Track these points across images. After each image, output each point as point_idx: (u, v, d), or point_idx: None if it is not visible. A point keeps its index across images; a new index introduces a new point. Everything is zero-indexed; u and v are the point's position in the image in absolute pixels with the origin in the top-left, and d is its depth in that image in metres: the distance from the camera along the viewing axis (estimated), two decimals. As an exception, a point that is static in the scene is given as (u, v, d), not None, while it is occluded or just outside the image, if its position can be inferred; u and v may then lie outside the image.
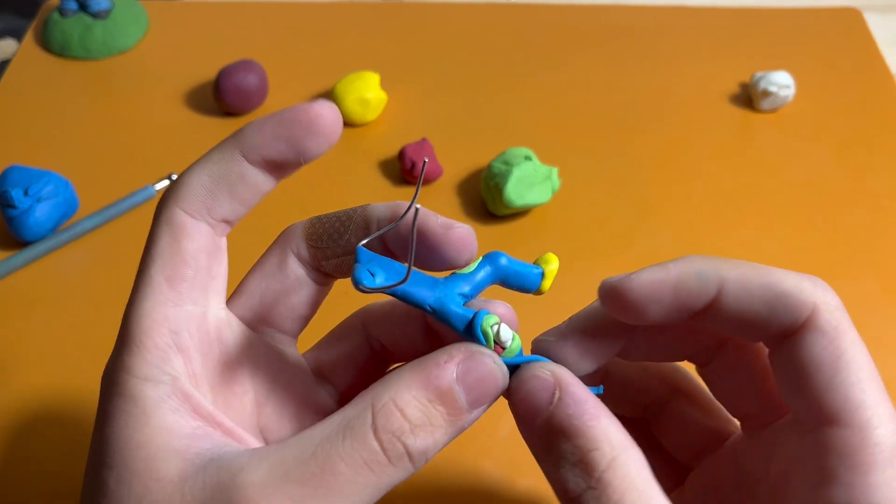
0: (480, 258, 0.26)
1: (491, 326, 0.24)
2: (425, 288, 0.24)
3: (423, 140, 0.53)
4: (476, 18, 0.66)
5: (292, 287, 0.27)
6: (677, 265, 0.24)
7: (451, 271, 0.25)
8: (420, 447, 0.22)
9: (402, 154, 0.52)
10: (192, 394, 0.24)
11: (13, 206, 0.48)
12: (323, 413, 0.28)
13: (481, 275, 0.25)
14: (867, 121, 0.58)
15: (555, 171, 0.51)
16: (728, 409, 0.28)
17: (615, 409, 0.25)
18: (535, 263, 0.26)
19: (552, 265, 0.26)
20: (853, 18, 0.65)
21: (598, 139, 0.56)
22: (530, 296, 0.27)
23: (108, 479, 0.23)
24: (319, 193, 0.53)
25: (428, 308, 0.24)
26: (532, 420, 0.24)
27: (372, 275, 0.24)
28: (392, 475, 0.22)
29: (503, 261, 0.26)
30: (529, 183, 0.49)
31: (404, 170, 0.52)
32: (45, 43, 0.63)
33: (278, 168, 0.25)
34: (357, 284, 0.23)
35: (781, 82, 0.56)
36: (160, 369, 0.24)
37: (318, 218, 0.28)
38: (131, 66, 0.62)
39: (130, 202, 0.51)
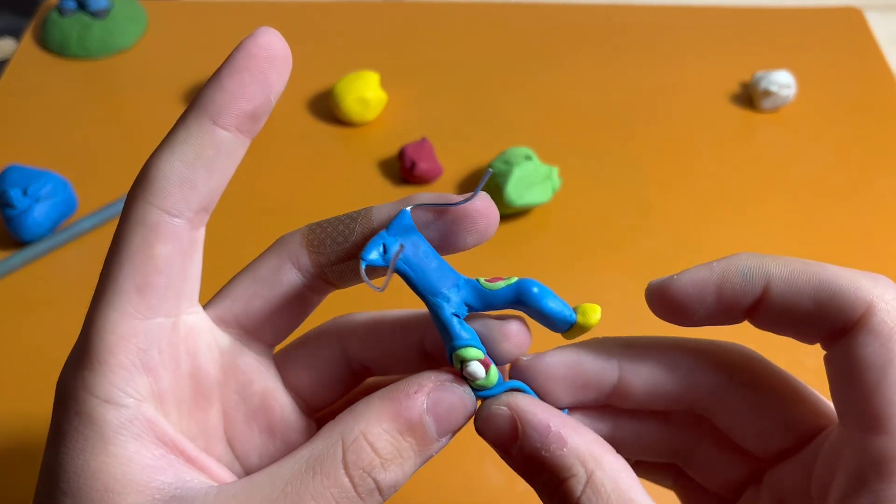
0: (514, 280, 0.24)
1: (462, 361, 0.23)
2: (440, 281, 0.23)
3: (423, 140, 0.53)
4: (476, 18, 0.66)
5: (284, 296, 0.25)
6: (721, 263, 0.24)
7: (476, 277, 0.24)
8: (390, 481, 0.22)
9: (401, 154, 0.52)
10: (156, 419, 0.23)
11: (12, 206, 0.48)
12: (293, 426, 0.27)
13: (501, 293, 0.24)
14: (868, 120, 0.57)
15: (555, 170, 0.51)
16: (750, 449, 0.27)
17: (643, 456, 0.25)
18: (575, 309, 0.25)
19: (590, 319, 0.24)
20: (854, 18, 0.65)
21: (599, 139, 0.56)
22: None
23: None
24: (319, 193, 0.53)
25: (426, 302, 0.24)
26: (507, 454, 0.23)
27: (384, 249, 0.23)
28: None
29: (535, 290, 0.24)
30: (530, 182, 0.49)
31: (404, 169, 0.52)
32: (44, 42, 0.63)
33: (251, 120, 0.23)
34: (362, 256, 0.22)
35: (782, 82, 0.56)
36: (123, 391, 0.22)
37: (318, 224, 0.26)
38: (130, 66, 0.62)
39: (129, 202, 0.51)
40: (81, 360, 0.22)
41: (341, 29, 0.65)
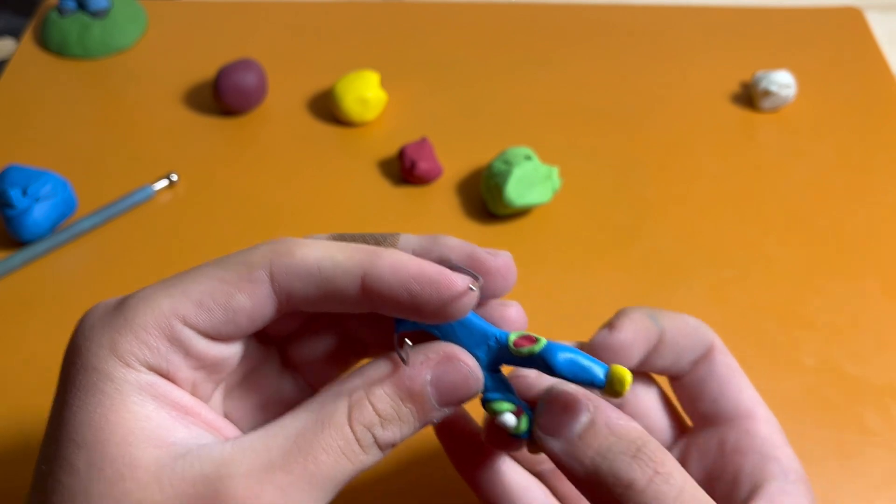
0: (540, 347, 0.25)
1: (494, 412, 0.25)
2: (468, 341, 0.25)
3: (423, 139, 0.53)
4: (476, 17, 0.66)
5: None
6: (634, 311, 0.28)
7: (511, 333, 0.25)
8: (388, 439, 0.24)
9: (401, 154, 0.52)
10: (171, 388, 0.24)
11: (11, 206, 0.48)
12: (285, 401, 0.28)
13: (528, 361, 0.25)
14: (868, 120, 0.57)
15: (555, 170, 0.51)
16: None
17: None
18: (609, 372, 0.24)
19: (617, 388, 0.24)
20: (854, 17, 0.65)
21: (599, 139, 0.56)
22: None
23: (77, 459, 0.22)
24: (318, 193, 0.53)
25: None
26: (569, 426, 0.25)
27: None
28: (364, 461, 0.23)
29: (562, 357, 0.24)
30: (530, 182, 0.49)
31: (404, 169, 0.52)
32: (44, 42, 0.63)
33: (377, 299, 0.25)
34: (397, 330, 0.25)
35: (782, 82, 0.56)
36: (145, 365, 0.23)
37: (342, 235, 0.27)
38: (130, 66, 0.62)
39: (129, 202, 0.51)
40: (115, 324, 0.24)
41: (341, 28, 0.65)
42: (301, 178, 0.54)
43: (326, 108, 0.58)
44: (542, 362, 0.24)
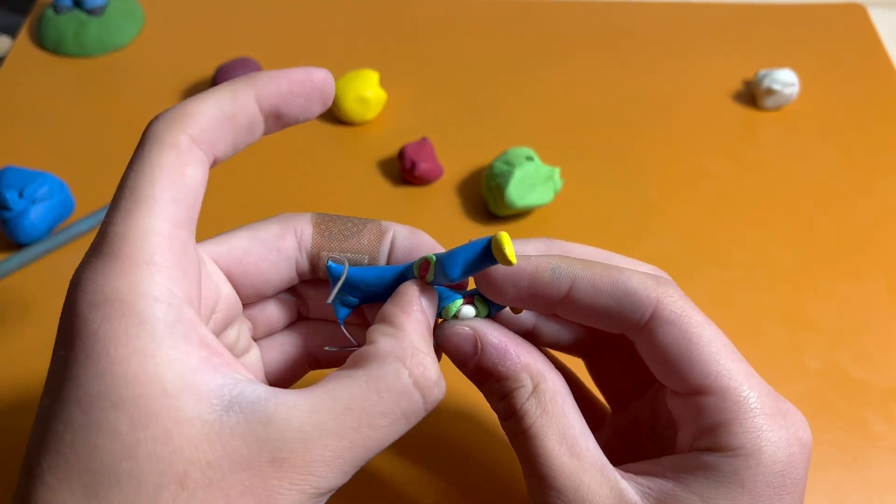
0: (434, 267, 0.27)
1: (455, 315, 0.28)
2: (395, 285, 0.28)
3: (424, 139, 0.52)
4: (477, 16, 0.65)
5: (277, 260, 0.28)
6: (538, 259, 0.27)
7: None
8: (437, 398, 0.24)
9: (401, 154, 0.52)
10: (197, 320, 0.22)
11: (8, 209, 0.47)
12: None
13: (436, 281, 0.27)
14: (872, 118, 0.57)
15: (557, 171, 0.50)
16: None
17: (556, 348, 0.30)
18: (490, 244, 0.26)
19: (498, 243, 0.25)
20: (857, 14, 0.65)
21: (601, 139, 0.56)
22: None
23: (116, 420, 0.20)
24: (318, 193, 0.52)
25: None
26: (464, 366, 0.27)
27: (345, 305, 0.28)
28: (420, 418, 0.24)
29: (452, 270, 0.26)
30: (531, 183, 0.49)
31: (404, 170, 0.52)
32: (40, 40, 0.62)
33: (279, 121, 0.26)
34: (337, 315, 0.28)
35: (785, 80, 0.56)
36: (170, 290, 0.22)
37: (328, 215, 0.29)
38: (127, 64, 0.61)
39: (127, 203, 0.51)
40: (120, 262, 0.22)
41: (340, 26, 0.64)
42: (300, 178, 0.53)
43: (325, 108, 0.57)
44: (443, 279, 0.26)
